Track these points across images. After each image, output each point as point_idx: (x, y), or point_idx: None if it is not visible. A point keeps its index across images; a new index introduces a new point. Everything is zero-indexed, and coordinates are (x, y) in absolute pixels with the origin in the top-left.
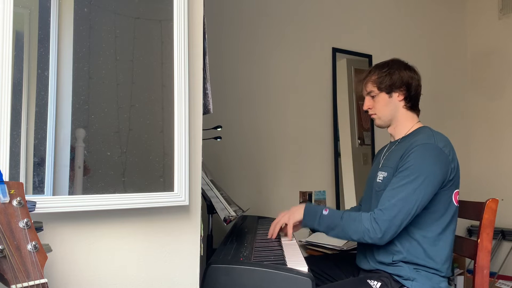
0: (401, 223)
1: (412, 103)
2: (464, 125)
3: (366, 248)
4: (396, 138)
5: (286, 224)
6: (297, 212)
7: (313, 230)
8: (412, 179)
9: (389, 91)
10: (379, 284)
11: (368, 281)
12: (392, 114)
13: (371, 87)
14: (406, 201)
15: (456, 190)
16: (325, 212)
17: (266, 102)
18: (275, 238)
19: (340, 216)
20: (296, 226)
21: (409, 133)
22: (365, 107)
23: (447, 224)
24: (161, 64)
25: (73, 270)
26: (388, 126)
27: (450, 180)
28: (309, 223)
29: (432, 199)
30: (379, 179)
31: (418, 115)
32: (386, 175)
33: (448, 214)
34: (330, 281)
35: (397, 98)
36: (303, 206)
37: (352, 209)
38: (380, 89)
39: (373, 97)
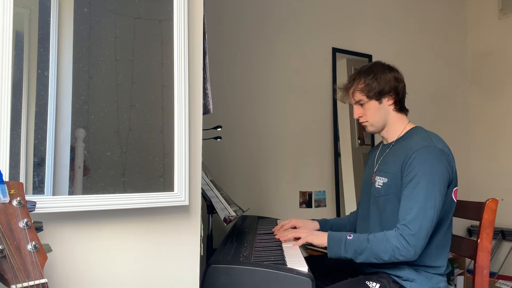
0: (427, 233)
1: (401, 105)
2: (464, 125)
3: None
4: (390, 141)
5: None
6: (320, 238)
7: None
8: (423, 186)
9: (378, 97)
10: (378, 285)
11: (367, 282)
12: (384, 119)
13: (359, 96)
14: (426, 209)
15: (455, 188)
16: (349, 237)
17: (266, 102)
18: (276, 239)
19: (366, 238)
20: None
21: (403, 135)
22: (355, 116)
23: (449, 222)
24: (161, 64)
25: (73, 270)
26: (380, 131)
27: (452, 179)
28: (335, 250)
29: None
30: (378, 185)
31: (407, 114)
32: (386, 180)
33: (450, 212)
34: (330, 282)
35: (387, 103)
36: (325, 233)
37: (352, 213)
38: (370, 97)
39: (362, 105)
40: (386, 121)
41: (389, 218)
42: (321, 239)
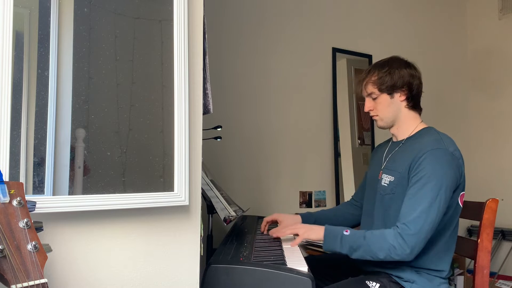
0: (427, 235)
1: (414, 102)
2: (464, 125)
3: None
4: (400, 139)
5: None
6: (316, 232)
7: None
8: (430, 187)
9: (390, 92)
10: (378, 285)
11: (367, 282)
12: (394, 115)
13: (371, 88)
14: (429, 212)
15: (462, 192)
16: (346, 233)
17: (266, 102)
18: (275, 238)
19: (362, 235)
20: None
21: (414, 134)
22: (366, 109)
23: (454, 226)
24: (161, 64)
25: (73, 270)
26: (390, 127)
27: (460, 183)
28: (331, 245)
29: None
30: (384, 183)
31: (420, 114)
32: (393, 179)
33: (455, 217)
34: (330, 281)
35: (399, 99)
36: (322, 227)
37: (344, 206)
38: (381, 90)
39: (374, 98)
40: (397, 117)
41: (393, 216)
42: (318, 233)
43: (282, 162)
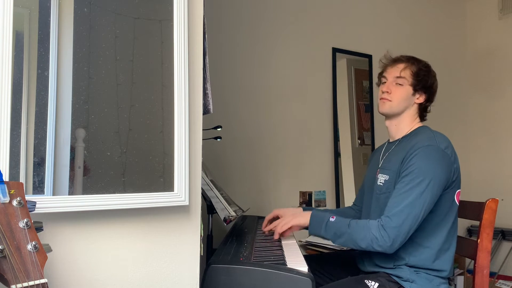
0: (410, 229)
1: (422, 111)
2: (464, 125)
3: (365, 252)
4: (396, 138)
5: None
6: (303, 218)
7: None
8: (416, 183)
9: (416, 88)
10: (377, 284)
11: (366, 281)
12: (403, 110)
13: (406, 73)
14: (413, 206)
15: (458, 190)
16: (331, 219)
17: (266, 102)
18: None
19: (347, 223)
20: (291, 228)
21: (409, 133)
22: (384, 88)
23: (451, 224)
24: (161, 64)
25: (73, 270)
26: (392, 116)
27: (453, 181)
28: (316, 230)
29: (437, 201)
30: (380, 182)
31: (421, 121)
32: (387, 178)
33: (452, 215)
34: (329, 281)
35: (417, 100)
36: (309, 212)
37: (346, 209)
38: (411, 82)
39: (399, 83)
40: (403, 113)
41: None
42: (305, 218)
43: (282, 162)
